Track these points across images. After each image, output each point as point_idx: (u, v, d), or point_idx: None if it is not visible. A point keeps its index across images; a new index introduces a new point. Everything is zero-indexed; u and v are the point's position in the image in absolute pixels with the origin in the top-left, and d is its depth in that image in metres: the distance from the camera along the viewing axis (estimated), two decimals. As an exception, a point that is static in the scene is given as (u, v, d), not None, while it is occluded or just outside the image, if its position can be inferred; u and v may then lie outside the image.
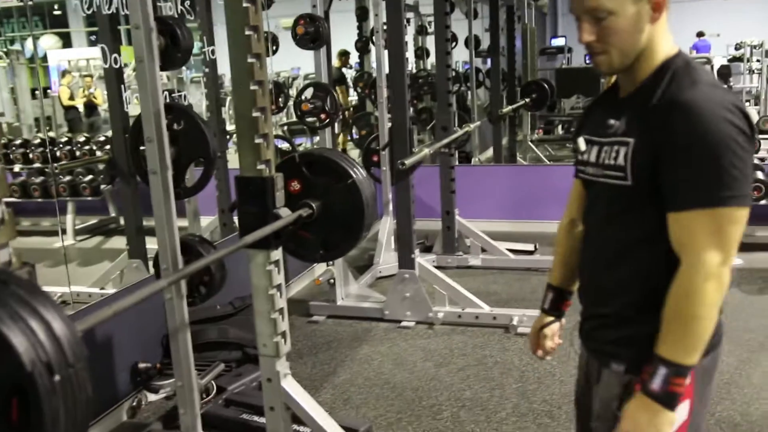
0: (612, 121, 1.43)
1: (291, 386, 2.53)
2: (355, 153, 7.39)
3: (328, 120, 3.81)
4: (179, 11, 3.34)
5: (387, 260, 4.99)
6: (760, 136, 5.32)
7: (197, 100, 6.47)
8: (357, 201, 2.40)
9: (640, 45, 1.37)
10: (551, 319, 1.76)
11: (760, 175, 4.87)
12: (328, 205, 2.43)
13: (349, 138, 9.06)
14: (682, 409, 1.39)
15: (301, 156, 2.45)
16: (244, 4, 2.14)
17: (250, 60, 2.18)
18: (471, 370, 3.44)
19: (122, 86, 3.53)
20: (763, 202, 4.78)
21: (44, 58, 9.90)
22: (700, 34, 14.09)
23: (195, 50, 3.22)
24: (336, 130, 8.86)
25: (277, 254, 2.41)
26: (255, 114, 2.23)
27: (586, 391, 1.63)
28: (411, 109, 8.46)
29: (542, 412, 3.02)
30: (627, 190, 1.38)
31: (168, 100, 3.66)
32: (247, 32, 2.17)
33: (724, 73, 11.94)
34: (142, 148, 2.49)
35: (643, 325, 1.41)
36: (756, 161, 5.16)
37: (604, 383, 1.52)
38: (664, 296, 1.33)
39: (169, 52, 2.38)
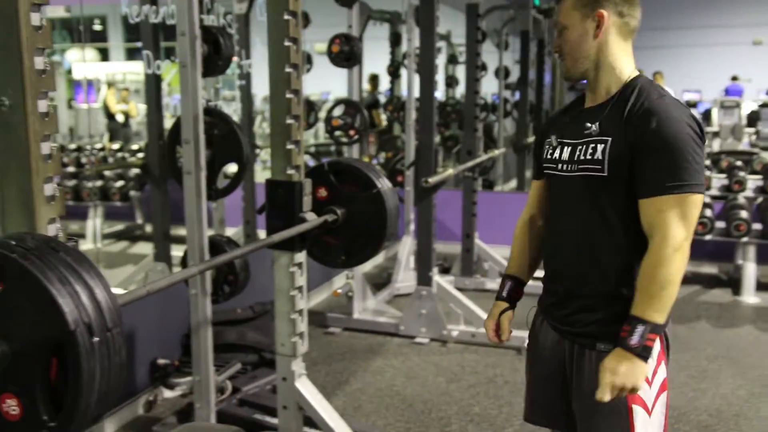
0: (588, 125, 1.67)
1: (305, 386, 2.62)
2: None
3: (357, 136, 3.93)
4: (221, 23, 3.49)
5: (405, 279, 5.07)
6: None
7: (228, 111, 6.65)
8: (381, 210, 2.50)
9: (588, 54, 1.67)
10: (507, 305, 1.92)
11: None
12: (353, 213, 2.53)
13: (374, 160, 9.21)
14: (661, 371, 1.65)
15: (329, 164, 2.56)
16: (285, 17, 2.28)
17: (287, 69, 2.31)
18: (481, 388, 3.49)
19: (161, 94, 3.68)
20: (782, 243, 4.80)
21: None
22: (734, 78, 14.11)
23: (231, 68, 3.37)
24: (371, 151, 9.01)
25: (301, 257, 2.52)
26: (289, 121, 2.35)
27: (558, 375, 1.76)
28: (438, 137, 8.63)
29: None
30: (601, 181, 1.63)
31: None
32: (286, 43, 2.30)
33: (753, 117, 11.95)
34: (178, 150, 2.63)
35: (623, 302, 1.60)
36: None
37: (593, 364, 1.65)
38: (635, 273, 1.58)
39: (212, 59, 2.50)
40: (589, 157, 1.64)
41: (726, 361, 3.82)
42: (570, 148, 1.70)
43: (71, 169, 6.91)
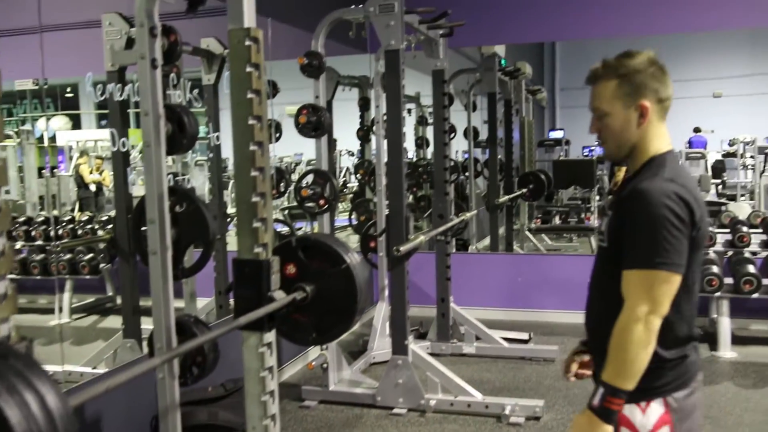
0: (611, 198, 1.93)
1: (279, 471, 2.52)
2: (354, 238, 7.49)
3: (326, 206, 3.91)
4: (187, 99, 3.49)
5: (381, 346, 4.99)
6: (751, 231, 5.40)
7: (201, 182, 6.61)
8: (350, 286, 2.45)
9: (630, 141, 1.79)
10: (584, 349, 2.04)
11: (750, 268, 4.93)
12: (322, 289, 2.48)
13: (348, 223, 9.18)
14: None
15: (297, 240, 2.52)
16: (249, 95, 2.27)
17: (252, 147, 2.28)
18: (462, 460, 3.40)
19: (128, 169, 3.64)
20: (755, 295, 4.82)
21: (53, 139, 10.11)
22: (696, 130, 14.45)
23: (201, 134, 3.34)
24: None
25: (270, 336, 2.45)
26: (255, 199, 2.31)
27: None
28: (410, 197, 8.64)
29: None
30: (604, 251, 1.83)
31: (171, 183, 3.79)
32: (250, 121, 2.28)
33: (718, 167, 12.20)
34: (143, 228, 2.57)
35: None
36: (747, 254, 5.24)
37: None
38: None
39: (176, 137, 2.48)
40: (603, 228, 1.84)
41: (708, 420, 3.77)
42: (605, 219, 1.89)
43: (39, 242, 6.79)
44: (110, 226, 6.50)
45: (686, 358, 1.76)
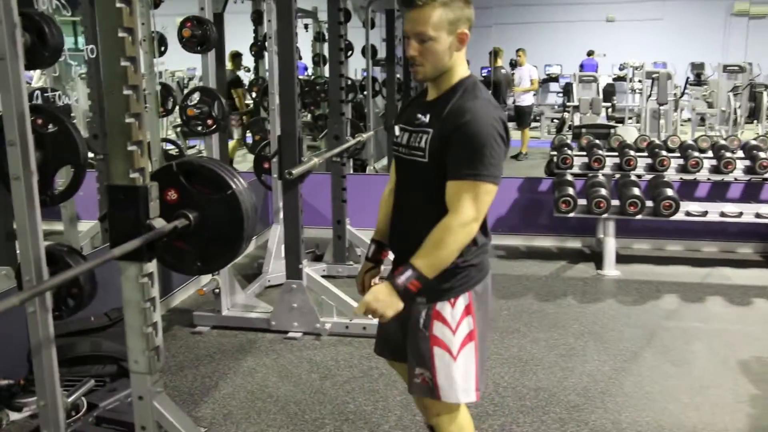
0: (419, 116, 2.01)
1: (164, 404, 2.43)
2: (249, 158, 7.27)
3: (214, 126, 3.70)
4: (54, 5, 3.16)
5: (276, 269, 4.91)
6: (638, 154, 5.59)
7: (84, 97, 6.17)
8: (236, 213, 2.33)
9: (446, 65, 1.96)
10: (372, 265, 2.31)
11: (636, 191, 5.12)
12: (207, 216, 2.35)
13: (243, 143, 8.90)
14: (467, 323, 2.03)
15: (178, 165, 2.35)
16: (118, 5, 2.04)
17: (123, 63, 2.07)
18: (356, 383, 3.42)
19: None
20: (639, 216, 5.02)
21: None
22: (589, 53, 14.75)
23: (80, 45, 3.00)
24: (235, 135, 8.63)
25: (151, 266, 2.31)
26: (128, 120, 2.12)
27: (397, 318, 1.98)
28: (307, 116, 8.43)
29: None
30: (423, 166, 1.97)
31: (38, 100, 3.47)
32: (120, 34, 2.06)
33: (609, 91, 12.55)
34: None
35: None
36: (633, 178, 5.43)
37: (413, 313, 2.03)
38: None
39: (36, 50, 2.23)
40: (416, 144, 1.98)
41: (591, 336, 3.95)
42: (408, 135, 2.04)
43: None
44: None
45: (486, 256, 2.08)
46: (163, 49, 5.05)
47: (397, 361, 2.27)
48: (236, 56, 8.76)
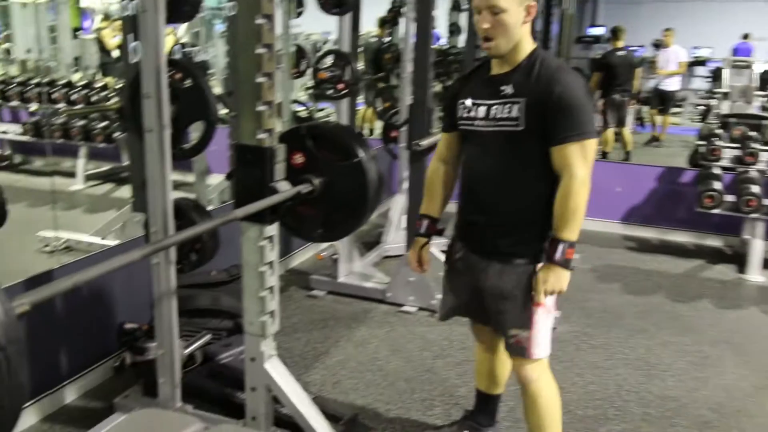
0: (503, 89, 2.05)
1: (275, 368, 2.42)
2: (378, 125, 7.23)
3: (345, 90, 3.64)
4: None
5: (396, 240, 4.85)
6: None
7: (222, 55, 6.32)
8: (362, 182, 2.25)
9: (517, 38, 2.02)
10: (426, 240, 2.41)
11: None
12: (332, 183, 2.28)
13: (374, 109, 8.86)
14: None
15: (307, 128, 2.29)
16: (258, -41, 1.98)
17: (259, 21, 2.02)
18: (469, 366, 3.28)
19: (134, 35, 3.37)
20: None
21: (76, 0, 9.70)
22: (745, 36, 13.62)
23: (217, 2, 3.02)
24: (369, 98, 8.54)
25: (272, 229, 2.27)
26: (260, 79, 2.07)
27: (475, 284, 2.23)
28: (438, 86, 8.26)
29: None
30: (518, 134, 2.03)
31: (177, 55, 3.52)
32: (258, -11, 2.01)
33: (765, 79, 11.54)
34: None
35: (534, 227, 2.11)
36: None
37: (507, 274, 2.14)
38: (543, 206, 2.05)
39: (177, 3, 2.22)
40: (506, 115, 2.04)
41: (729, 346, 3.61)
42: (485, 108, 2.09)
43: (62, 105, 6.61)
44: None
45: None
46: (300, 10, 5.03)
47: (476, 323, 2.48)
48: (385, 22, 8.61)
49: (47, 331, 2.79)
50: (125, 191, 6.00)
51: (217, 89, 8.45)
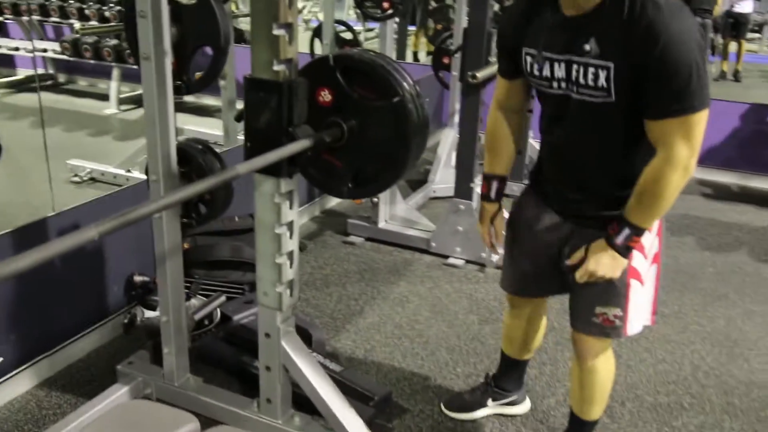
0: (584, 45, 1.57)
1: (293, 345, 2.04)
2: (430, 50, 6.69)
3: (391, 10, 3.14)
4: None
5: (444, 179, 4.42)
6: None
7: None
8: (403, 127, 1.80)
9: None
10: (497, 207, 2.02)
11: None
12: (365, 127, 1.85)
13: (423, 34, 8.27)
14: (656, 244, 1.82)
15: (336, 58, 1.84)
16: None
17: None
18: (521, 334, 2.89)
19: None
20: None
21: None
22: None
23: None
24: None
25: (291, 184, 1.86)
26: (276, -5, 1.62)
27: (554, 249, 1.86)
28: (498, 6, 7.60)
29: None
30: (609, 106, 1.61)
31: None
32: None
33: None
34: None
35: (615, 204, 1.69)
36: None
37: (581, 237, 1.78)
38: (631, 180, 1.64)
39: None
40: (591, 83, 1.60)
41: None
42: (564, 67, 1.64)
43: (94, 22, 6.25)
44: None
45: None
46: None
47: (536, 297, 2.13)
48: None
49: (46, 284, 2.46)
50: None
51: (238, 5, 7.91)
